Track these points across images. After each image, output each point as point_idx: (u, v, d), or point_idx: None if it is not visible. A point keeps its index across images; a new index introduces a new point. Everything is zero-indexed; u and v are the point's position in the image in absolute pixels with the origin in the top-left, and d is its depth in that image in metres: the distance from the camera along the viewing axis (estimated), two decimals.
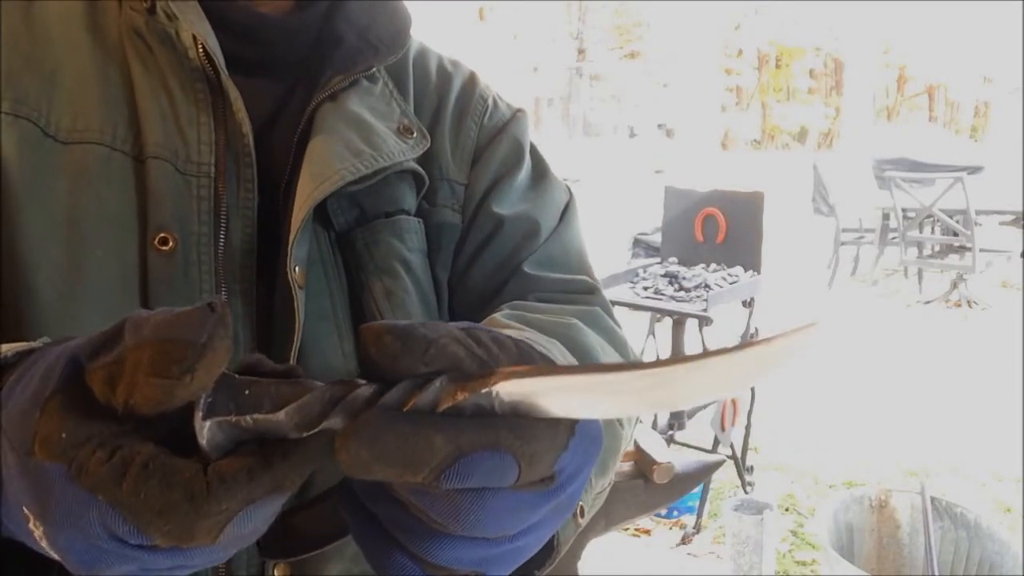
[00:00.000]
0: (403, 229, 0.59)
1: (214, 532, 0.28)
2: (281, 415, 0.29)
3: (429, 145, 0.61)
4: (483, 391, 0.28)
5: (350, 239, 0.57)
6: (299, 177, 0.53)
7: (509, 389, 0.28)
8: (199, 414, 0.28)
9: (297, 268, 0.51)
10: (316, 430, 0.29)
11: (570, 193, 0.70)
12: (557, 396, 0.28)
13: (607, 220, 6.15)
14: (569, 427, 0.30)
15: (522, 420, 0.29)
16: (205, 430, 0.28)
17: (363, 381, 0.30)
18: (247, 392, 0.29)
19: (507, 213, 0.63)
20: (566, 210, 0.68)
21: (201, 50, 0.52)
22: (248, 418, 0.28)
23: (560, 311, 0.57)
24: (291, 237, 0.51)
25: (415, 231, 0.60)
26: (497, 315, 0.54)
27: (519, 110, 0.70)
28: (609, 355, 0.57)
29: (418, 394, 0.28)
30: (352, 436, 0.27)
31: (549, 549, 0.45)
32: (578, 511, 0.47)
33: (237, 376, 0.29)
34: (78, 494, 0.27)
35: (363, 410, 0.28)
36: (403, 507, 0.30)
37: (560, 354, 0.45)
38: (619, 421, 0.53)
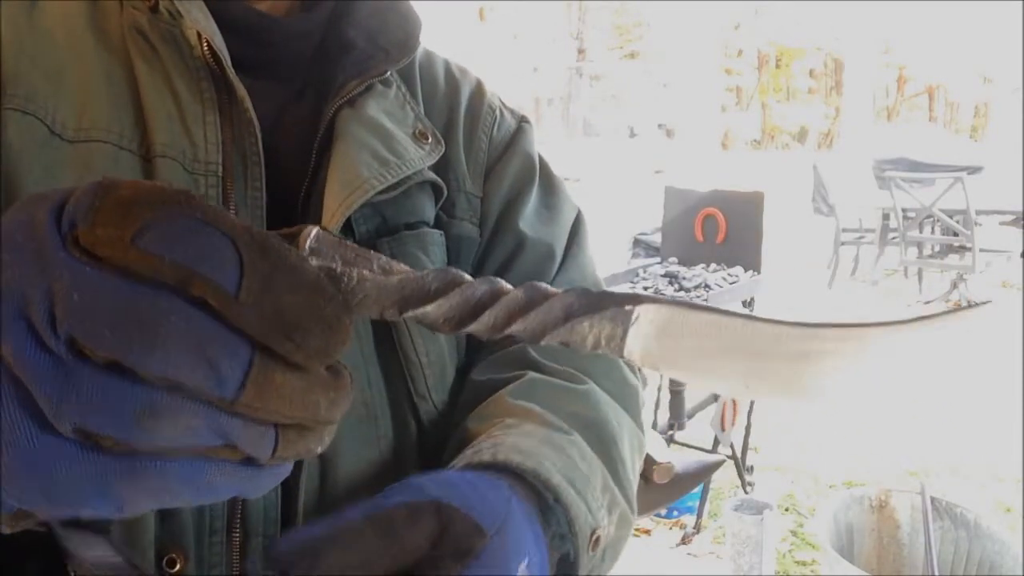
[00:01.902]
0: (427, 242, 0.59)
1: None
2: (394, 280, 0.28)
3: (444, 150, 0.61)
4: (627, 308, 0.28)
5: (376, 248, 0.56)
6: (321, 184, 0.53)
7: (651, 315, 0.28)
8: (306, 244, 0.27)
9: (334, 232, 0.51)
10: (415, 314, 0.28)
11: (578, 210, 0.70)
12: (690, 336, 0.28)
13: (607, 220, 6.15)
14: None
15: None
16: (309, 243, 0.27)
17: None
18: (355, 254, 0.29)
19: (527, 233, 0.64)
20: (576, 229, 0.68)
21: (206, 48, 0.51)
22: (354, 272, 0.28)
23: (573, 374, 0.58)
24: None
25: (438, 244, 0.60)
26: (505, 394, 0.54)
27: (523, 119, 0.71)
28: (621, 418, 0.58)
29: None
30: None
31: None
32: (595, 540, 0.46)
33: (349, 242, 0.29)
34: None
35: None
36: None
37: (577, 454, 0.48)
38: (631, 510, 0.53)
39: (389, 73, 0.60)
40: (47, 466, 0.24)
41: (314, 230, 0.28)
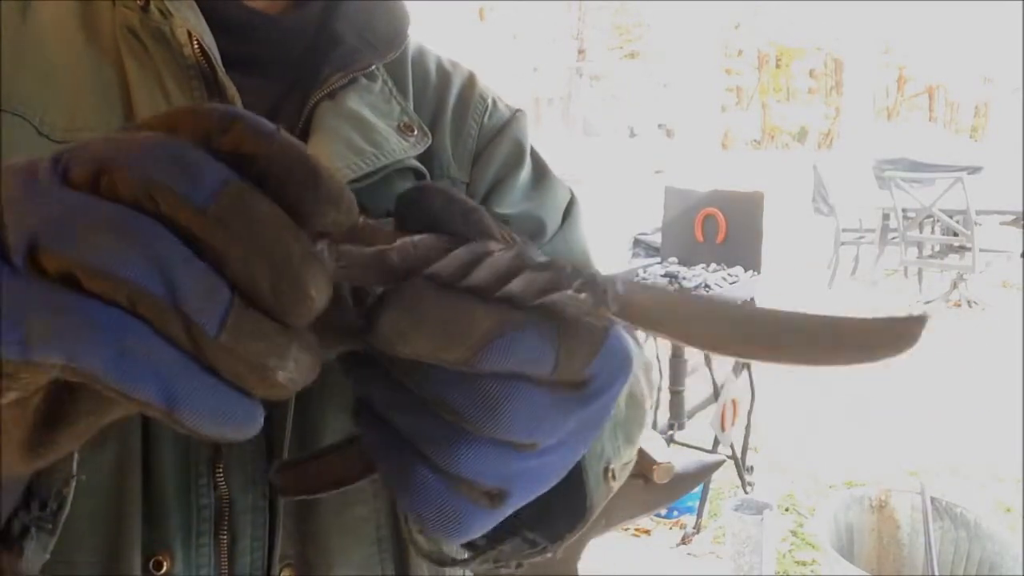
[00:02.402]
0: None
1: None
2: (406, 244, 0.27)
3: (431, 142, 0.60)
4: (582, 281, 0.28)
5: None
6: None
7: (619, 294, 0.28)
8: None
9: None
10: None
11: (572, 193, 0.70)
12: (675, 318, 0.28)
13: (607, 220, 6.14)
14: (603, 327, 0.29)
15: (558, 311, 0.28)
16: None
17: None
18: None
19: (510, 212, 0.63)
20: (570, 210, 0.68)
21: (196, 47, 0.51)
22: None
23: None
24: None
25: None
26: None
27: (518, 110, 0.70)
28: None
29: (484, 261, 0.27)
30: (392, 304, 0.26)
31: (581, 511, 0.45)
32: (610, 473, 0.47)
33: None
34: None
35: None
36: (428, 411, 0.28)
37: None
38: (640, 393, 0.53)
39: (375, 67, 0.60)
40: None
41: None
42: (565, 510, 0.45)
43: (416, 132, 0.60)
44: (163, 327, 0.22)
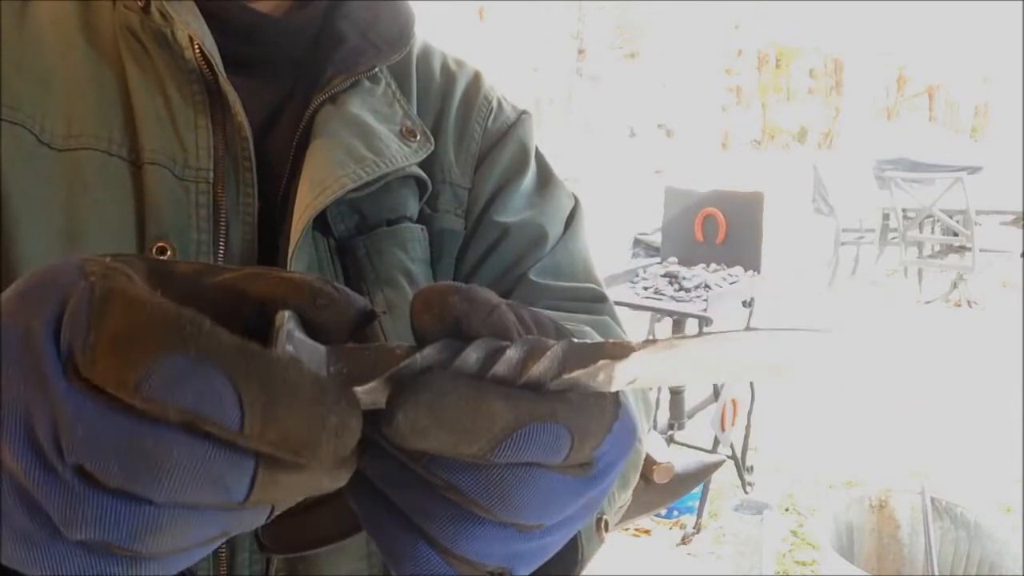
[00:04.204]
0: (406, 238, 0.57)
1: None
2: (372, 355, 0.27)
3: (433, 148, 0.59)
4: (599, 364, 0.27)
5: (351, 247, 0.55)
6: (298, 183, 0.52)
7: (632, 366, 0.28)
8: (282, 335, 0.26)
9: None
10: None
11: (575, 199, 0.68)
12: (670, 368, 0.28)
13: (607, 220, 6.14)
14: (614, 405, 0.29)
15: (571, 395, 0.28)
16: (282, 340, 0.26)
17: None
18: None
19: (512, 220, 0.62)
20: (572, 217, 0.67)
21: (198, 51, 0.50)
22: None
23: (570, 319, 0.56)
24: (290, 248, 0.49)
25: (418, 239, 0.58)
26: None
27: (524, 112, 0.69)
28: None
29: (499, 358, 0.27)
30: (411, 400, 0.25)
31: (573, 563, 0.44)
32: (603, 525, 0.46)
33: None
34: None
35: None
36: (434, 492, 0.28)
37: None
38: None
39: (378, 69, 0.59)
40: (58, 561, 0.24)
41: (283, 327, 0.26)
42: (556, 564, 0.45)
43: (419, 137, 0.58)
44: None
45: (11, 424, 0.24)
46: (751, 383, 2.90)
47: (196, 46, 0.50)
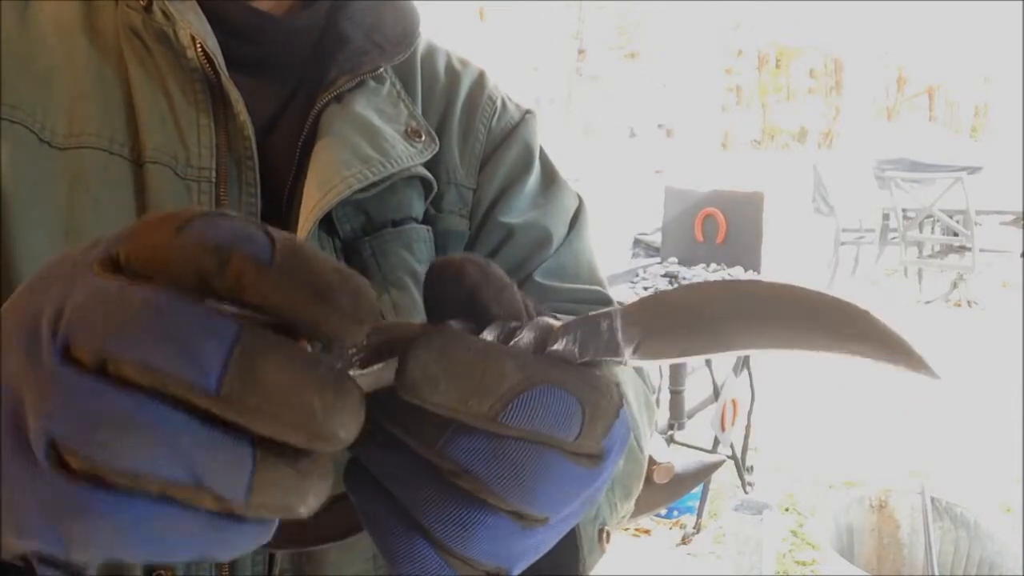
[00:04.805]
0: (412, 239, 0.57)
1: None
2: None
3: (438, 148, 0.59)
4: (603, 325, 0.28)
5: (357, 248, 0.55)
6: (303, 183, 0.52)
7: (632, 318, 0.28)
8: None
9: None
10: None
11: (579, 199, 0.68)
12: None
13: (607, 220, 6.14)
14: (619, 391, 0.29)
15: (584, 370, 0.28)
16: None
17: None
18: None
19: (517, 222, 0.62)
20: (577, 218, 0.66)
21: (200, 50, 0.50)
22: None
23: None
24: None
25: (424, 240, 0.58)
26: None
27: (528, 111, 0.68)
28: (628, 377, 0.56)
29: (514, 338, 0.27)
30: (423, 346, 0.25)
31: (575, 573, 0.44)
32: (604, 536, 0.46)
33: None
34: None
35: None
36: (442, 484, 0.27)
37: None
38: (639, 446, 0.52)
39: (383, 69, 0.59)
40: (8, 487, 0.23)
41: None
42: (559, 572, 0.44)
43: (423, 137, 0.58)
44: (193, 504, 0.23)
45: (20, 326, 0.24)
46: (751, 384, 2.90)
47: (198, 45, 0.50)
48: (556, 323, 0.28)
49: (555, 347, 0.28)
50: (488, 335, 0.28)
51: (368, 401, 0.25)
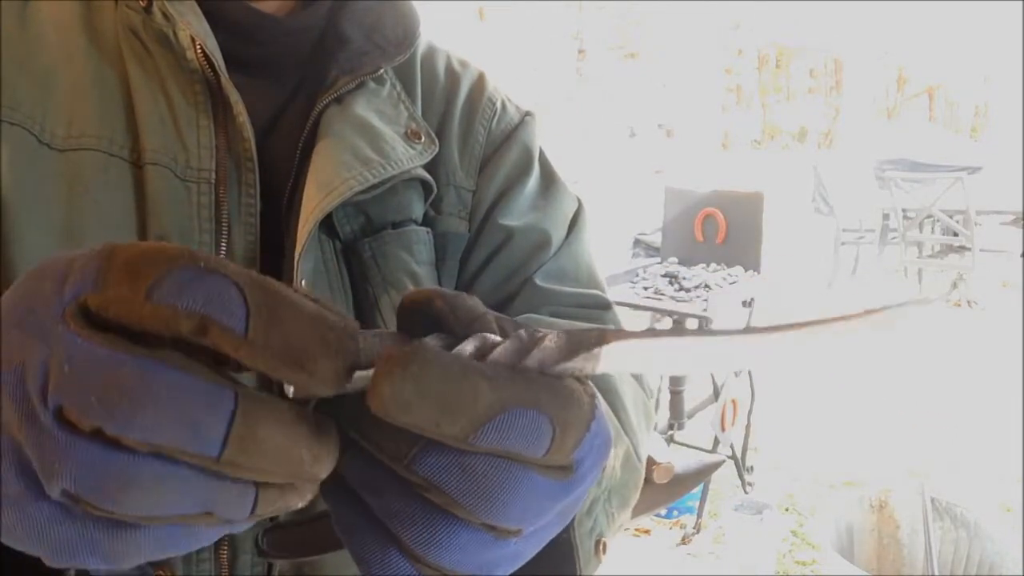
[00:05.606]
0: (411, 240, 0.57)
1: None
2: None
3: (438, 150, 0.59)
4: (594, 351, 0.27)
5: (356, 249, 0.55)
6: (304, 185, 0.52)
7: (617, 350, 0.28)
8: None
9: (304, 282, 0.50)
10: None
11: (579, 202, 0.68)
12: (655, 357, 0.29)
13: (607, 220, 6.14)
14: (591, 403, 0.29)
15: (557, 383, 0.28)
16: None
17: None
18: None
19: (516, 224, 0.62)
20: (576, 220, 0.66)
21: (199, 51, 0.50)
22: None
23: (573, 327, 0.55)
24: (297, 250, 0.49)
25: (424, 242, 0.58)
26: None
27: (528, 113, 0.68)
28: (628, 386, 0.56)
29: (494, 350, 0.27)
30: (397, 368, 0.25)
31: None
32: (601, 548, 0.45)
33: None
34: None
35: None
36: (413, 495, 0.27)
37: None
38: (636, 455, 0.52)
39: (383, 71, 0.59)
40: (40, 526, 0.25)
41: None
42: None
43: (423, 139, 0.58)
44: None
45: (8, 377, 0.24)
46: (751, 384, 2.90)
47: (198, 46, 0.50)
48: (538, 334, 0.28)
49: (531, 360, 0.28)
50: (467, 347, 0.27)
51: (344, 412, 0.27)
